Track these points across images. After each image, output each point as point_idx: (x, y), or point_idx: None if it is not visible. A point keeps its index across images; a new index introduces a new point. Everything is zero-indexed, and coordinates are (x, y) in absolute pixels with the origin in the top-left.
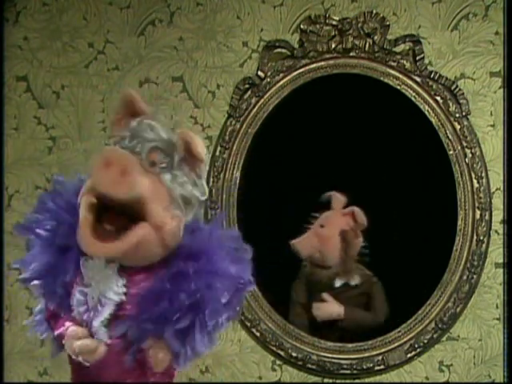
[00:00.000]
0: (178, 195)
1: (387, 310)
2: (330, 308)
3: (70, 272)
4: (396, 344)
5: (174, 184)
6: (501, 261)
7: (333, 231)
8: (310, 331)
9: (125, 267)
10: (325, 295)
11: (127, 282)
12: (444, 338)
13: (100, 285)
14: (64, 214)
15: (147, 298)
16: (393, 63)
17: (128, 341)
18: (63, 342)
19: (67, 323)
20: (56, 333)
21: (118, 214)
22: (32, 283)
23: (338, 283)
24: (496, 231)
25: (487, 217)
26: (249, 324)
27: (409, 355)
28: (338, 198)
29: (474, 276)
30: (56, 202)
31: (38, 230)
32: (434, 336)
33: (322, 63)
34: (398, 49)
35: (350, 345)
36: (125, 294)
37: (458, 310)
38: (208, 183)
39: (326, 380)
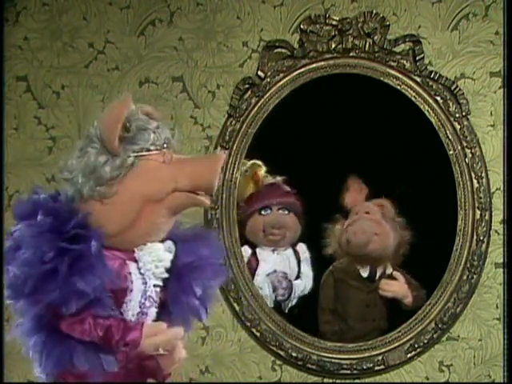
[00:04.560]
0: None
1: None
2: (397, 287)
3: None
4: (396, 344)
5: None
6: (501, 261)
7: (378, 216)
8: (340, 340)
9: None
10: (396, 273)
11: None
12: (444, 338)
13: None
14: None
15: None
16: (393, 63)
17: None
18: (140, 342)
19: (131, 323)
20: (129, 338)
21: None
22: None
23: (377, 275)
24: (496, 231)
25: (487, 217)
26: (249, 324)
27: (409, 355)
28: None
29: (474, 276)
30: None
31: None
32: (434, 336)
33: (322, 63)
34: (398, 49)
35: (350, 345)
36: None
37: (458, 310)
38: None
39: (325, 380)
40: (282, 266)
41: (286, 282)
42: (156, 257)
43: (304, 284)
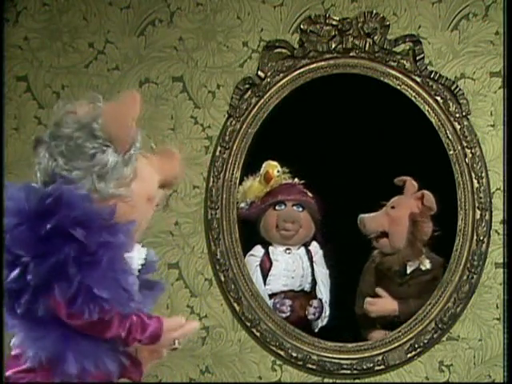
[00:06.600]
0: None
1: None
2: (385, 304)
3: None
4: (396, 344)
5: None
6: (501, 261)
7: (403, 213)
8: (372, 324)
9: None
10: (379, 290)
11: None
12: (444, 338)
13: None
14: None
15: None
16: (393, 63)
17: None
18: (161, 336)
19: (146, 317)
20: (150, 333)
21: None
22: None
23: (409, 269)
24: (496, 231)
25: (487, 217)
26: (249, 324)
27: (409, 355)
28: (411, 183)
29: (474, 276)
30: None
31: None
32: (434, 336)
33: (322, 63)
34: (397, 49)
35: (349, 345)
36: None
37: (458, 310)
38: (208, 183)
39: (326, 380)
40: (295, 266)
41: (316, 302)
42: (141, 258)
43: (325, 298)
